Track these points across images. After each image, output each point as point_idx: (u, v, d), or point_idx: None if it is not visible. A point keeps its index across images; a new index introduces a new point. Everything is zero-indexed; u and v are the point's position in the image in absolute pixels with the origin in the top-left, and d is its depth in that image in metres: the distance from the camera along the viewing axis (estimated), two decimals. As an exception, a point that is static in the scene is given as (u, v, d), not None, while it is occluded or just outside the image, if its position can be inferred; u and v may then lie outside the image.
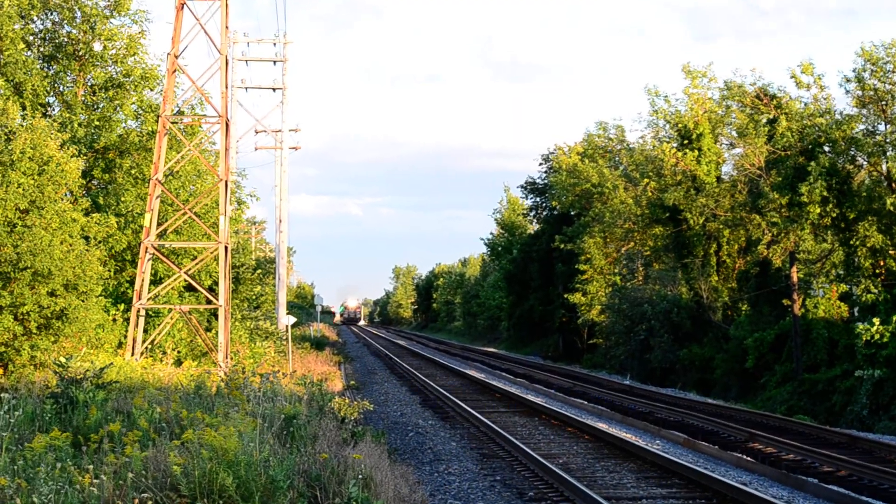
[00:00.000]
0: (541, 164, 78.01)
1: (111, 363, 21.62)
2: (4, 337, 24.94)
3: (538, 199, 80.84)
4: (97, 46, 33.82)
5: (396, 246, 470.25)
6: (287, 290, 63.57)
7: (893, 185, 34.76)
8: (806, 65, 38.97)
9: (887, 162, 35.69)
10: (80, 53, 33.66)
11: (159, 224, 30.58)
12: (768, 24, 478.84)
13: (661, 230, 52.04)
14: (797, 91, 39.94)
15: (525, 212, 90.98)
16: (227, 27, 30.30)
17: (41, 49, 34.01)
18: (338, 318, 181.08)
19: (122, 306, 31.26)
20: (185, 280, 30.95)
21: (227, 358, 28.65)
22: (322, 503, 12.23)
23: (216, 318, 33.01)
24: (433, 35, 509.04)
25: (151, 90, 34.99)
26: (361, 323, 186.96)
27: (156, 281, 32.01)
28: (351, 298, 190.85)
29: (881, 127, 35.96)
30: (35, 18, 33.65)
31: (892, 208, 33.59)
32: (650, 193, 50.93)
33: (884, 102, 35.06)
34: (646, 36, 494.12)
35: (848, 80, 35.85)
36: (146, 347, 29.70)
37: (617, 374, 50.06)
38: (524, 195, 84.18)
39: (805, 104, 39.46)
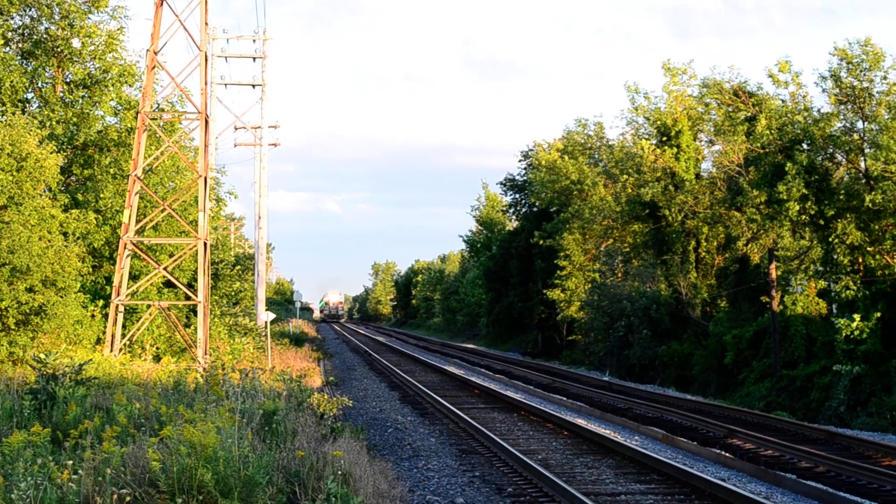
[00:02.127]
0: (520, 161, 77.95)
1: (90, 359, 21.54)
2: (-18, 333, 24.88)
3: (517, 195, 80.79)
4: (76, 43, 33.71)
5: (375, 242, 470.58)
6: (266, 287, 63.43)
7: (871, 182, 34.87)
8: (783, 63, 39.05)
9: (865, 159, 35.82)
10: (59, 50, 33.52)
11: (138, 220, 30.49)
12: (749, 22, 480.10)
13: (640, 227, 52.19)
14: (775, 89, 40.07)
15: (504, 208, 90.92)
16: (206, 23, 30.18)
17: (19, 45, 33.87)
18: (317, 315, 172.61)
19: (100, 302, 31.17)
20: (164, 276, 30.88)
21: (206, 354, 28.60)
22: (301, 499, 12.22)
23: (195, 315, 32.94)
24: (412, 33, 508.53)
25: (130, 87, 34.94)
26: (343, 320, 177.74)
27: (134, 277, 31.93)
28: (332, 292, 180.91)
29: (859, 124, 36.07)
30: (13, 15, 33.50)
31: (870, 205, 33.70)
32: (629, 190, 51.01)
33: (861, 100, 35.17)
34: (625, 34, 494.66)
35: (824, 79, 35.93)
36: (125, 344, 29.63)
37: (596, 371, 50.15)
38: (503, 192, 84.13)
39: (783, 101, 39.56)
